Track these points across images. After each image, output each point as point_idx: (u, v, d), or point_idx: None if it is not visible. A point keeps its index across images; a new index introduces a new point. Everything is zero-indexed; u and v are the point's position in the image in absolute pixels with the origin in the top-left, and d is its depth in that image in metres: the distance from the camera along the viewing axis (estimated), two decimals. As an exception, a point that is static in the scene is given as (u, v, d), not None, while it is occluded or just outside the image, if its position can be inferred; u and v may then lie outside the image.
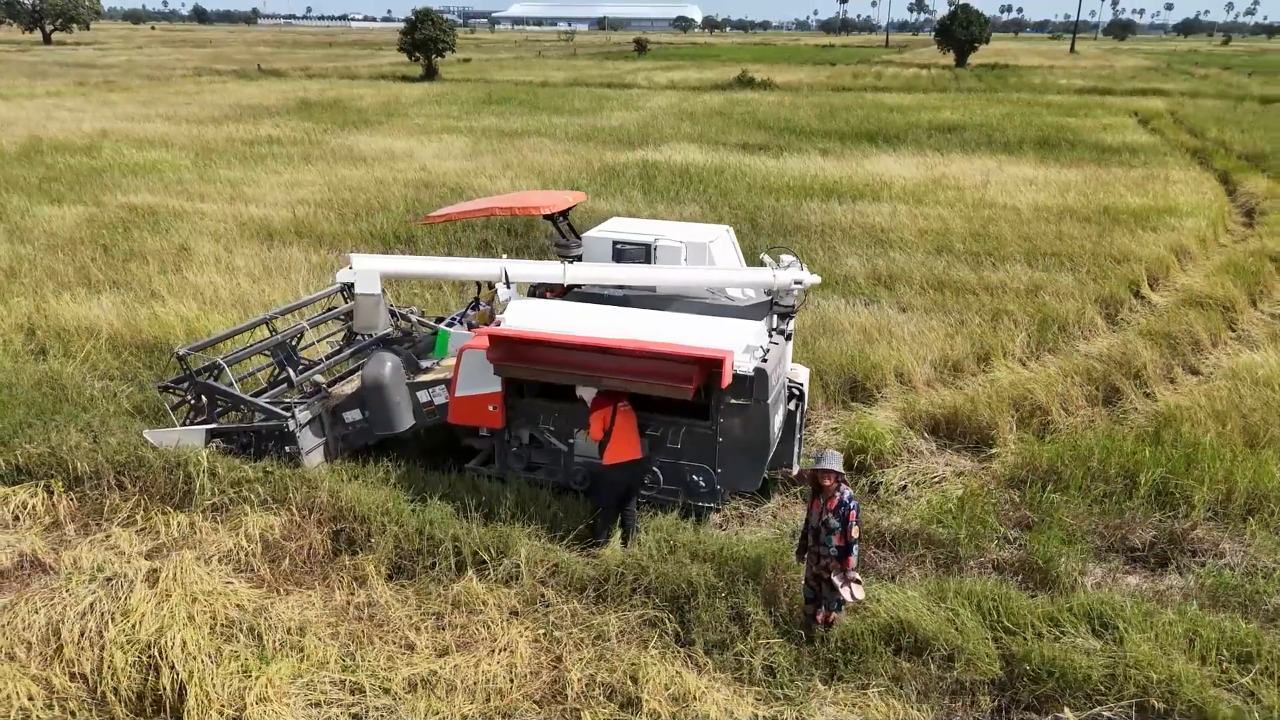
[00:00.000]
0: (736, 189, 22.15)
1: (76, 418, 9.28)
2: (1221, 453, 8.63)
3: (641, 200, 20.83)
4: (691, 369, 6.97)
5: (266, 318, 9.76)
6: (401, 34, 59.89)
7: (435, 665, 6.13)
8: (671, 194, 21.47)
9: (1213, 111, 41.78)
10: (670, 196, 21.18)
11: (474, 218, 9.87)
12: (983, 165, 25.81)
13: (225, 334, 9.39)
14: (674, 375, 7.01)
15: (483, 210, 9.40)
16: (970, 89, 53.08)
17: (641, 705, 5.79)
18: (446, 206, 9.81)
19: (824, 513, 6.31)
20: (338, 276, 8.84)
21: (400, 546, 7.45)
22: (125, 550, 7.35)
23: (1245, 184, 23.98)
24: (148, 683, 5.79)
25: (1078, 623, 6.29)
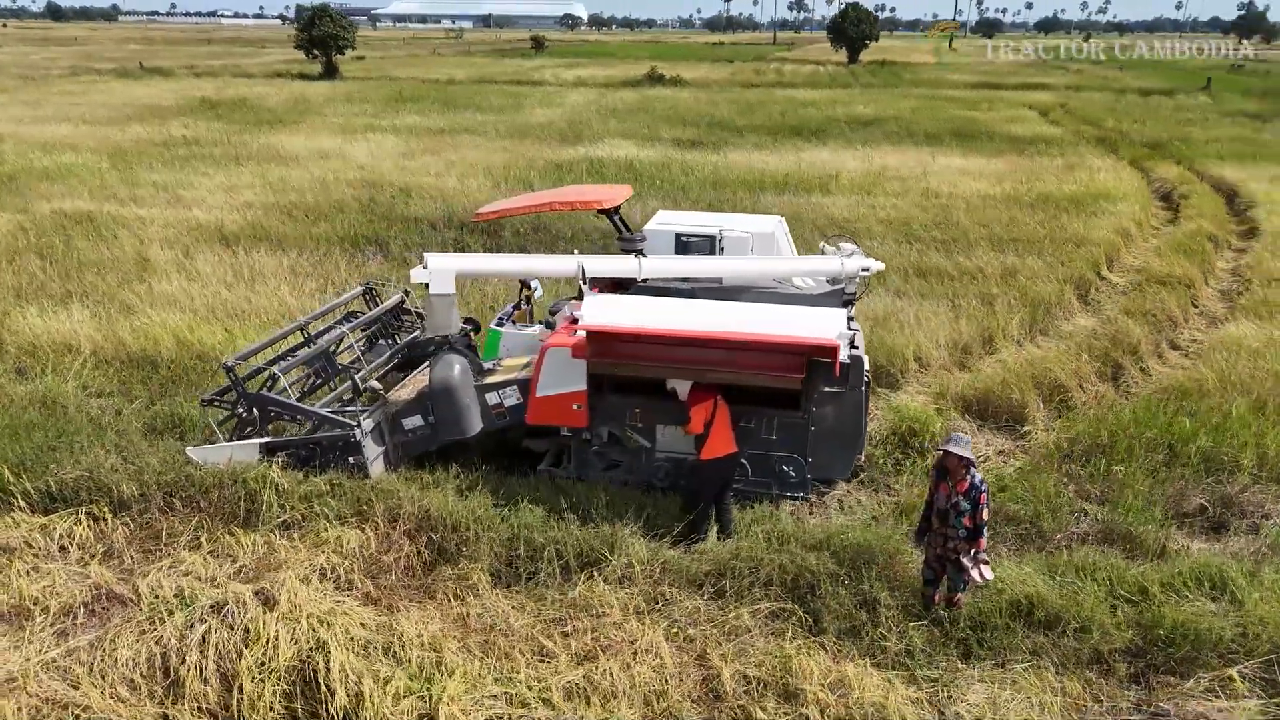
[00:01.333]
0: (689, 184, 22.23)
1: (101, 438, 8.64)
2: (1248, 420, 9.20)
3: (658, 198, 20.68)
4: (800, 358, 6.98)
5: (301, 323, 9.31)
6: (297, 30, 57.71)
7: (584, 671, 5.96)
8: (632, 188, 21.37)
9: (1099, 104, 44.35)
10: (636, 192, 21.08)
11: (529, 213, 9.59)
12: (915, 157, 26.68)
13: (265, 342, 8.89)
14: (783, 365, 7.01)
15: (538, 205, 9.16)
16: (871, 84, 54.82)
17: (804, 697, 5.78)
18: (496, 202, 9.50)
19: (953, 495, 6.42)
20: (412, 276, 8.48)
21: (496, 553, 7.21)
22: (204, 575, 6.87)
23: (1156, 170, 25.54)
24: (301, 710, 5.44)
25: (1190, 586, 6.60)
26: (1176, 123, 36.10)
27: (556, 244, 16.85)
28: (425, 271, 8.18)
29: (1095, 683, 6.03)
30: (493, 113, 37.63)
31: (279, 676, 5.61)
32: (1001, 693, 5.92)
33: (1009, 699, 5.85)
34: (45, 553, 7.26)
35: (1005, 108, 41.41)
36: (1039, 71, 68.59)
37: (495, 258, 8.72)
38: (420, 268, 8.26)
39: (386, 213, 18.71)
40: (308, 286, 13.84)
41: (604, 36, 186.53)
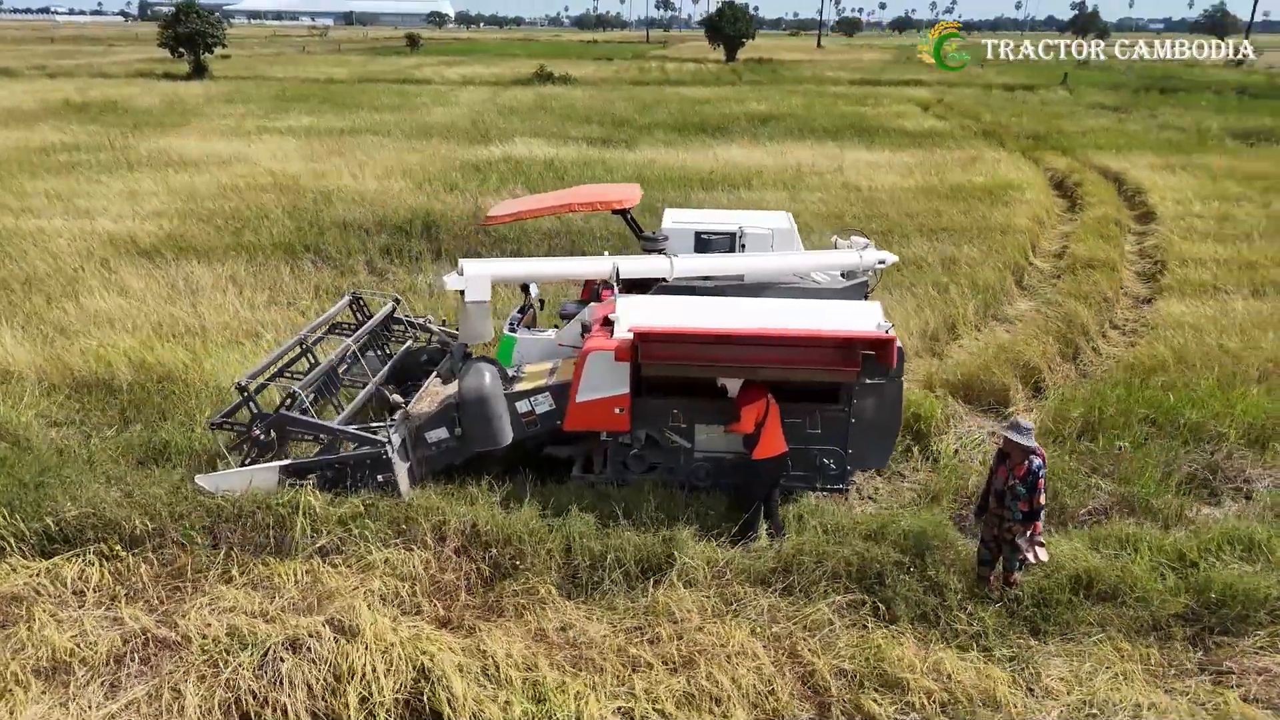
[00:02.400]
0: (616, 182, 22.19)
1: (88, 471, 7.97)
2: (1216, 392, 9.90)
3: (529, 196, 20.40)
4: (855, 352, 7.09)
5: (301, 338, 8.83)
6: (161, 27, 54.40)
7: (685, 678, 5.88)
8: (554, 188, 21.14)
9: (972, 99, 46.70)
10: (557, 191, 20.86)
11: (544, 215, 9.27)
12: (823, 152, 27.39)
13: (271, 359, 8.39)
14: (839, 360, 7.10)
15: (556, 206, 8.93)
16: (757, 81, 56.03)
17: (907, 685, 5.88)
18: (505, 205, 9.14)
19: (1010, 478, 6.66)
20: (446, 283, 8.11)
21: (557, 564, 7.03)
22: (251, 609, 6.42)
23: (1046, 160, 27.09)
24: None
25: (1225, 550, 7.06)
26: (1047, 116, 38.41)
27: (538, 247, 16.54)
28: (461, 278, 7.88)
29: (1161, 649, 6.37)
30: (387, 112, 36.53)
31: (388, 710, 5.31)
32: (1082, 665, 6.19)
33: (1090, 671, 6.11)
34: (59, 599, 6.64)
35: (890, 103, 43.04)
36: (910, 68, 71.57)
37: (529, 261, 8.48)
38: (454, 274, 7.94)
39: (314, 219, 17.89)
40: (258, 299, 13.12)
41: (475, 34, 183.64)
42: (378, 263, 15.57)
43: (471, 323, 8.06)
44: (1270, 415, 9.48)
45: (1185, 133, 32.76)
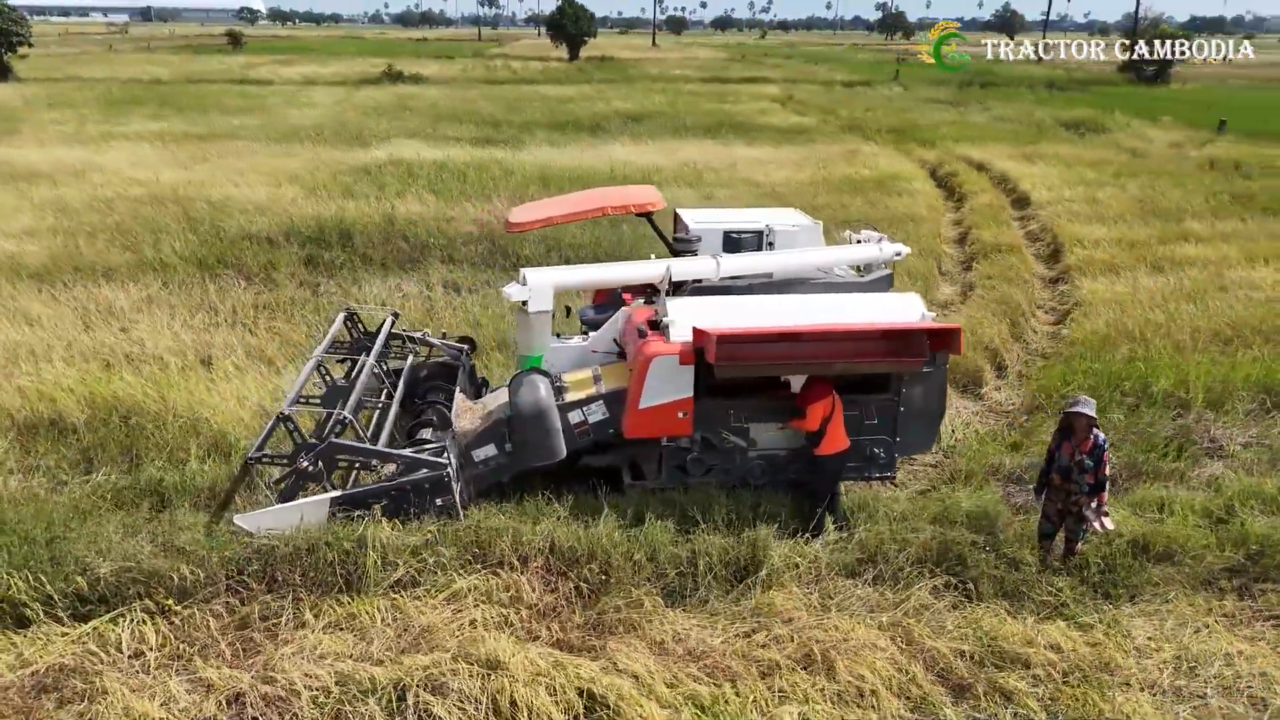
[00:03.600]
0: (518, 183, 21.79)
1: (94, 521, 7.15)
2: (1171, 361, 10.85)
3: (437, 201, 19.76)
4: (924, 342, 7.31)
5: (318, 361, 8.23)
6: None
7: (824, 675, 5.91)
8: (461, 191, 20.59)
9: (818, 95, 48.88)
10: (464, 194, 20.31)
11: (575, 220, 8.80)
12: (711, 150, 27.96)
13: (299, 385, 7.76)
14: (909, 350, 7.29)
15: (588, 210, 8.63)
16: (611, 80, 56.33)
17: (1030, 660, 6.13)
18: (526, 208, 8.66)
19: (1076, 453, 7.07)
20: (508, 294, 7.68)
21: (649, 575, 6.89)
22: (348, 652, 5.95)
23: (914, 152, 28.74)
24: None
25: (1249, 506, 7.76)
26: (896, 110, 40.71)
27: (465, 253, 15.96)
28: (524, 288, 7.53)
29: (1218, 601, 6.94)
30: (240, 115, 34.40)
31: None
32: (1164, 624, 6.64)
33: (1173, 628, 6.57)
34: (116, 664, 5.92)
35: (748, 100, 44.41)
36: (750, 66, 73.98)
37: (588, 268, 8.14)
38: (516, 284, 7.59)
39: (215, 232, 16.64)
40: (194, 320, 12.08)
41: (295, 31, 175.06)
42: (303, 275, 14.66)
43: (533, 334, 7.75)
44: (1218, 379, 10.48)
45: (1023, 124, 35.51)
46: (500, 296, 13.35)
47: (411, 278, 14.65)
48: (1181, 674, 6.13)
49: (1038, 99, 46.19)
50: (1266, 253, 16.14)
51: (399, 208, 18.77)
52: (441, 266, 15.07)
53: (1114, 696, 5.78)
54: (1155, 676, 6.08)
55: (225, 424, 9.17)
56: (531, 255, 15.79)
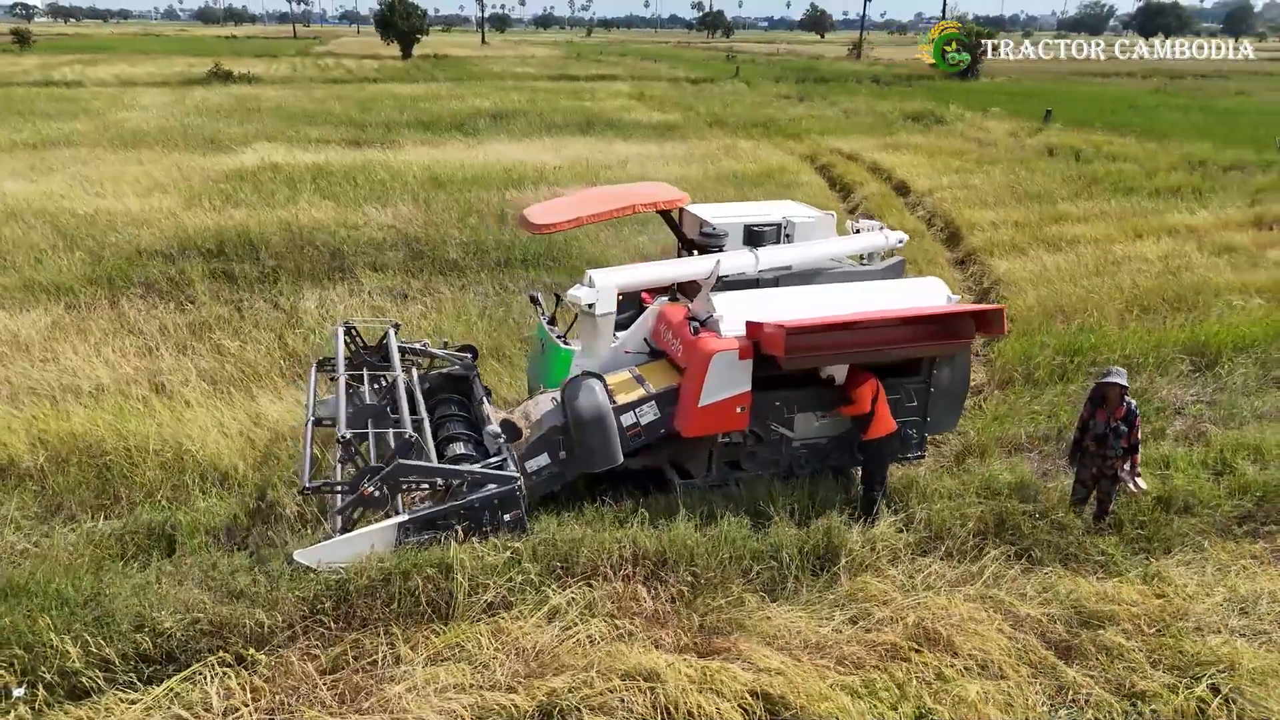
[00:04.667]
0: (409, 185, 20.94)
1: (127, 574, 6.39)
2: (1111, 330, 11.77)
3: (334, 207, 18.72)
4: (971, 324, 7.58)
5: (344, 381, 7.65)
6: None
7: (948, 651, 6.07)
8: (356, 196, 19.59)
9: (670, 92, 49.66)
10: (361, 198, 19.33)
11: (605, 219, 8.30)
12: (594, 146, 27.86)
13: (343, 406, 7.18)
14: (958, 333, 7.55)
15: (618, 208, 8.30)
16: (458, 78, 55.08)
17: (1117, 616, 6.51)
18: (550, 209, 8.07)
19: (1111, 420, 7.57)
20: (575, 297, 7.29)
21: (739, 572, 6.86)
22: (474, 682, 5.60)
23: (786, 145, 29.70)
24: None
25: (1238, 458, 8.54)
26: (750, 106, 41.96)
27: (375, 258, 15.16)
28: (592, 290, 7.22)
29: (1237, 545, 7.62)
30: (61, 120, 31.29)
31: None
32: (1205, 570, 7.22)
33: (1215, 574, 7.16)
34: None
35: (605, 97, 44.53)
36: (591, 63, 74.18)
37: (644, 267, 7.77)
38: (584, 286, 7.27)
39: (100, 249, 15.09)
40: (127, 345, 10.93)
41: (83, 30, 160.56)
42: (222, 291, 13.56)
43: (599, 337, 7.47)
44: (1152, 345, 11.47)
45: (872, 117, 37.43)
46: (457, 303, 12.97)
47: (341, 288, 13.83)
48: (1238, 614, 6.69)
49: (877, 94, 48.73)
50: (1139, 229, 17.77)
51: (298, 215, 17.65)
52: (373, 274, 14.30)
53: (1201, 642, 6.23)
54: (1220, 619, 6.61)
55: (215, 455, 8.38)
56: (459, 260, 15.30)
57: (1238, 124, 36.07)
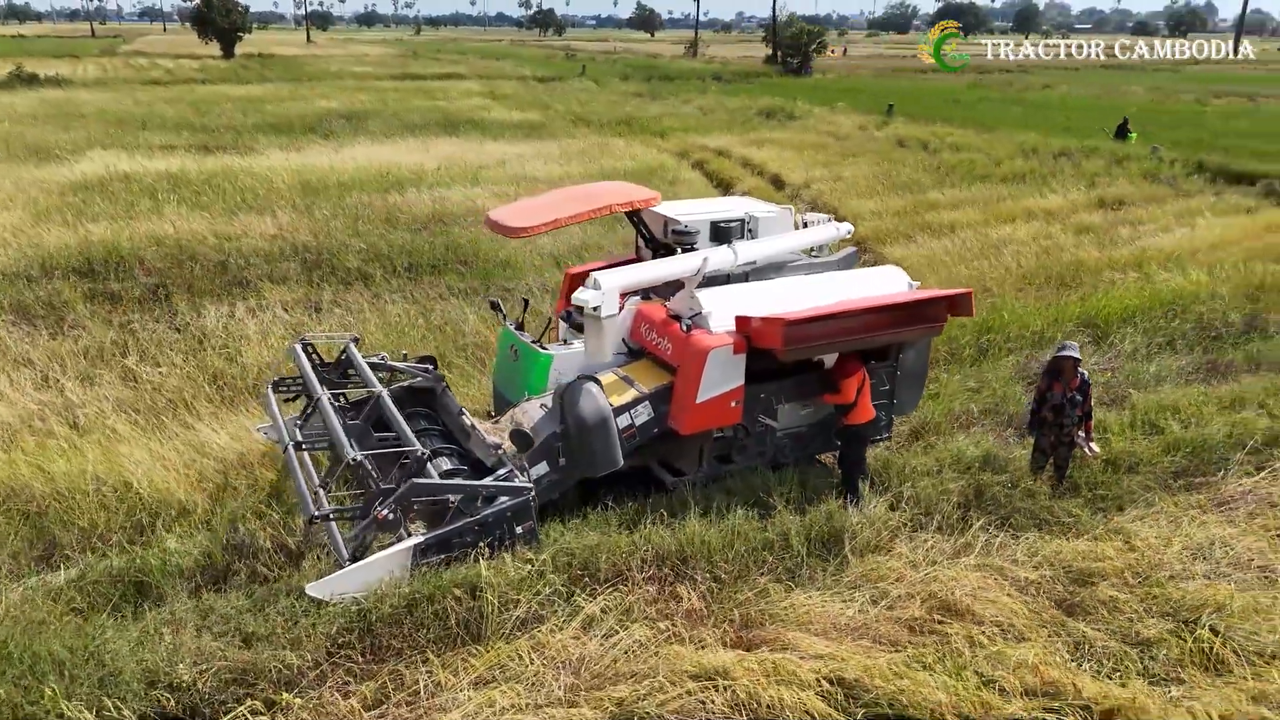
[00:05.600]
0: (287, 192, 19.87)
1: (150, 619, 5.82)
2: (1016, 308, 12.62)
3: (206, 217, 17.49)
4: (945, 308, 7.93)
5: (323, 401, 7.18)
6: None
7: (971, 620, 6.36)
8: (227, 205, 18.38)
9: (522, 91, 49.25)
10: (233, 207, 18.15)
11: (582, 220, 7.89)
12: (464, 146, 27.28)
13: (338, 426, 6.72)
14: (933, 318, 7.87)
15: (591, 211, 8.03)
16: (294, 79, 52.54)
17: (1105, 571, 7.00)
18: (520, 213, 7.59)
19: (1067, 390, 8.13)
20: (586, 301, 6.99)
21: (753, 563, 6.93)
22: (525, 702, 5.41)
23: (655, 143, 30.05)
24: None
25: (1163, 418, 9.34)
26: (609, 104, 42.19)
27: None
28: (599, 293, 7.00)
29: (1187, 497, 8.33)
30: None
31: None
32: (1159, 524, 7.86)
33: (1168, 526, 7.81)
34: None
35: (458, 97, 43.64)
36: (430, 62, 72.46)
37: (642, 268, 7.53)
38: (590, 289, 7.03)
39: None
40: (20, 377, 9.85)
41: None
42: (108, 313, 12.44)
43: (605, 340, 7.28)
44: (1051, 320, 12.39)
45: (728, 113, 38.44)
46: (380, 313, 12.42)
47: (242, 304, 12.96)
48: (1198, 560, 7.34)
49: (726, 91, 50.02)
50: (1003, 213, 19.10)
51: (168, 227, 16.37)
52: (275, 287, 13.47)
53: (1183, 588, 6.80)
54: (1184, 566, 7.23)
55: (166, 491, 7.69)
56: (363, 268, 14.66)
57: (1051, 114, 39.42)
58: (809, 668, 5.53)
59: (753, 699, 5.25)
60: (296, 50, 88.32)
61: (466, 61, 75.16)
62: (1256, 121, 37.12)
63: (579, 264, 10.14)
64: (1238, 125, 35.52)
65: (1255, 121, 37.19)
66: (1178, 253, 15.85)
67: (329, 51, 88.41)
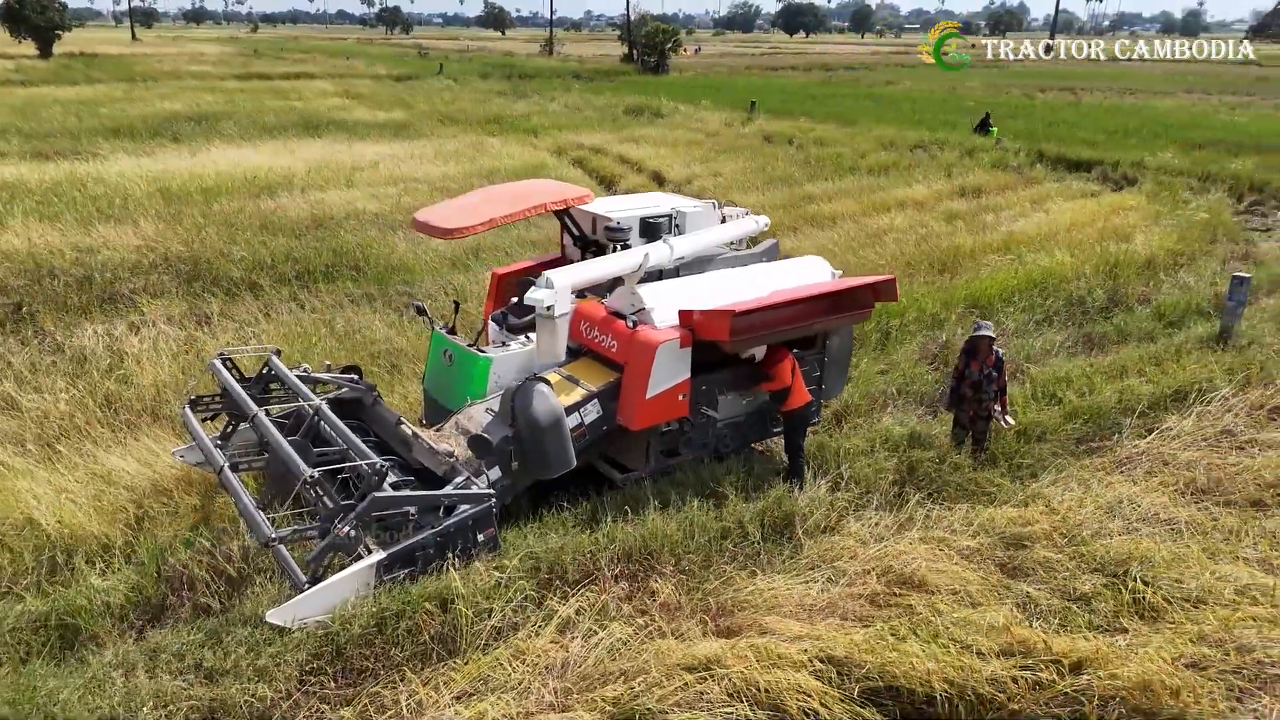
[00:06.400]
0: (144, 200, 18.57)
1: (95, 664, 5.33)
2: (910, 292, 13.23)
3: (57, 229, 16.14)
4: (873, 295, 8.22)
5: (259, 416, 6.77)
6: None
7: (928, 590, 6.65)
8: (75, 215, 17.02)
9: (380, 90, 47.77)
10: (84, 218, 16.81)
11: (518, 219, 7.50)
12: (332, 148, 26.20)
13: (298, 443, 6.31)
14: (862, 304, 8.15)
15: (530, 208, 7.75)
16: (129, 79, 49.00)
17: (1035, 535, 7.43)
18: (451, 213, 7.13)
19: (983, 368, 8.61)
20: (538, 299, 6.72)
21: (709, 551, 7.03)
22: (517, 711, 5.31)
23: (530, 140, 29.79)
24: None
25: (1059, 388, 10.01)
26: (476, 100, 41.52)
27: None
28: (551, 291, 6.81)
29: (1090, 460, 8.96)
30: None
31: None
32: (1070, 486, 8.43)
33: (1078, 489, 8.37)
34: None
35: (313, 97, 41.94)
36: (275, 61, 69.24)
37: (591, 265, 7.27)
38: (542, 288, 6.83)
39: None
40: None
41: None
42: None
43: (557, 339, 7.10)
44: (941, 302, 13.07)
45: (595, 111, 38.52)
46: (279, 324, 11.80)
47: (120, 319, 12.05)
48: (1112, 518, 7.92)
49: (590, 89, 50.07)
50: (878, 204, 19.98)
51: (13, 242, 15.03)
52: (156, 301, 12.60)
53: (1107, 544, 7.33)
54: (1100, 525, 7.78)
55: (77, 525, 7.08)
56: (248, 277, 13.90)
57: (899, 109, 41.46)
58: (796, 649, 5.65)
59: (750, 685, 5.31)
60: (122, 49, 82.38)
61: (314, 60, 72.23)
62: (1080, 113, 40.18)
63: (503, 265, 9.93)
64: (1065, 117, 38.35)
65: (1079, 113, 40.25)
66: (1040, 236, 17.00)
67: (159, 50, 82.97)
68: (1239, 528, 7.64)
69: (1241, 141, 29.55)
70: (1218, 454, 8.89)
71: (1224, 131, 32.39)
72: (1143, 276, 15.05)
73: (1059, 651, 5.60)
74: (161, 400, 9.38)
